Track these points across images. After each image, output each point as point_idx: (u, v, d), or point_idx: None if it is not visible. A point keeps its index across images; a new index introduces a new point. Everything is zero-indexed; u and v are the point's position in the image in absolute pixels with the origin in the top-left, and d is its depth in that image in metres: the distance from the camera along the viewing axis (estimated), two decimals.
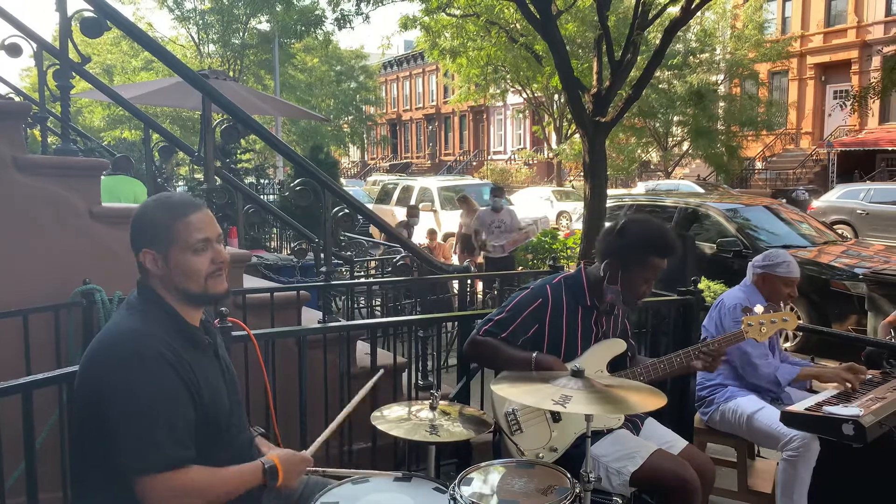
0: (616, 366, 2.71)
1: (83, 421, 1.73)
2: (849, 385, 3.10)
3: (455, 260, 10.02)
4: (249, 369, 2.73)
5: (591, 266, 2.71)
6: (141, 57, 23.87)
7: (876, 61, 22.95)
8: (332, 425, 2.22)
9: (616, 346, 2.70)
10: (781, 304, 3.35)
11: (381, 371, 2.44)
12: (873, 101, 8.45)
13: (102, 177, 4.95)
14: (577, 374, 2.11)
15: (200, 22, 23.76)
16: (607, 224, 2.72)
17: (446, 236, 10.39)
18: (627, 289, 2.57)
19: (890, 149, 23.66)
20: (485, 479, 2.09)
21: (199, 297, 1.82)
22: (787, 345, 6.98)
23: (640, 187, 21.99)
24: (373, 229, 11.47)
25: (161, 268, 1.77)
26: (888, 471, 2.83)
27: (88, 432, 1.71)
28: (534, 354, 2.53)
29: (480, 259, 9.27)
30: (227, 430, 1.85)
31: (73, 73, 3.80)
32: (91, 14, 3.38)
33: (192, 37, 24.90)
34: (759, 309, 2.80)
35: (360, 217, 4.35)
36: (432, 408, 2.33)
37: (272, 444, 2.16)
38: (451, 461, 3.32)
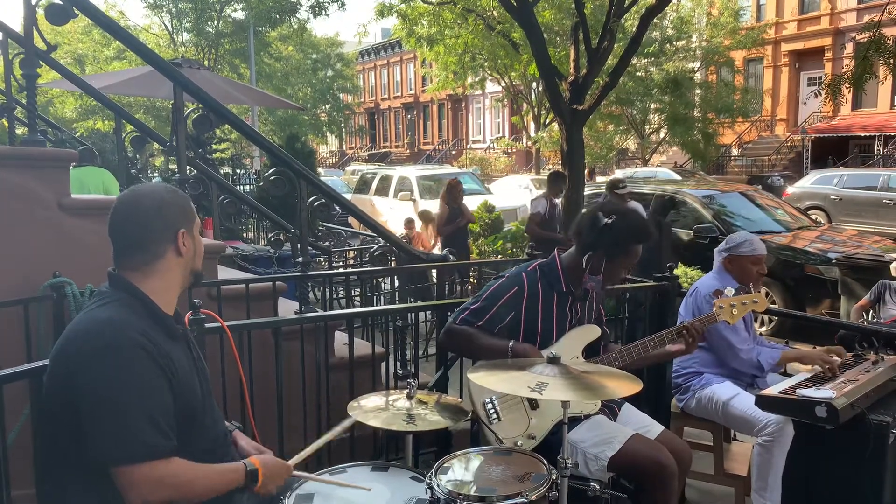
0: (592, 352, 2.72)
1: (57, 414, 1.70)
2: (828, 367, 3.14)
3: (436, 249, 9.98)
4: (225, 362, 2.70)
5: (565, 253, 2.71)
6: (113, 46, 23.45)
7: (849, 48, 23.21)
8: (318, 443, 2.19)
9: (591, 332, 2.71)
10: (752, 286, 3.38)
11: (353, 419, 2.34)
12: (848, 90, 8.52)
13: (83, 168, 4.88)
14: (554, 360, 2.11)
15: (174, 10, 23.41)
16: (585, 215, 2.70)
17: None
18: (609, 277, 2.63)
19: (863, 135, 24.00)
20: (462, 468, 2.10)
21: (198, 275, 1.93)
22: (763, 329, 7.07)
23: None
24: (352, 219, 11.42)
25: (188, 247, 1.84)
26: (859, 451, 2.87)
27: (62, 426, 1.68)
28: (510, 343, 2.53)
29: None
30: (202, 420, 1.83)
31: (41, 62, 3.71)
32: (57, 1, 3.31)
33: (166, 25, 24.54)
34: (729, 292, 2.83)
35: (337, 207, 4.33)
36: (409, 397, 2.33)
37: (249, 438, 2.14)
38: (431, 450, 3.32)
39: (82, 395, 1.62)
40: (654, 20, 10.28)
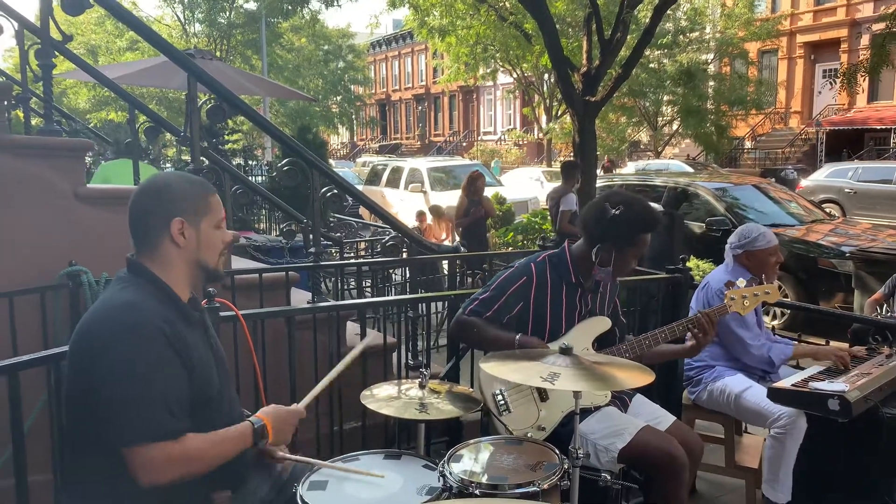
0: (603, 344, 2.72)
1: (78, 397, 1.72)
2: (840, 362, 3.13)
3: (448, 241, 9.97)
4: (239, 350, 2.72)
5: (575, 244, 2.71)
6: (126, 37, 23.56)
7: (865, 39, 22.97)
8: (324, 381, 2.22)
9: (601, 323, 2.71)
10: (767, 277, 3.35)
11: (370, 336, 2.44)
12: (863, 80, 8.44)
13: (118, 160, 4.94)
14: (566, 351, 2.12)
15: (186, 0, 23.45)
16: (591, 207, 2.68)
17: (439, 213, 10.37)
18: (620, 268, 2.63)
19: (878, 127, 23.76)
20: (474, 457, 2.11)
21: (211, 272, 1.89)
22: (775, 322, 7.04)
23: (630, 167, 22.00)
24: (362, 211, 11.43)
25: (188, 238, 1.81)
26: (872, 445, 2.87)
27: (83, 408, 1.70)
28: (517, 336, 2.54)
29: None
30: (219, 406, 1.85)
31: (56, 53, 3.73)
32: None
33: (178, 16, 24.60)
34: (741, 283, 2.81)
35: (349, 198, 4.34)
36: (422, 386, 2.34)
37: None
38: (442, 440, 3.34)
39: (101, 376, 1.65)
40: (668, 11, 10.20)
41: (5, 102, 3.88)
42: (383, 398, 2.33)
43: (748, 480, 3.37)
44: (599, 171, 16.78)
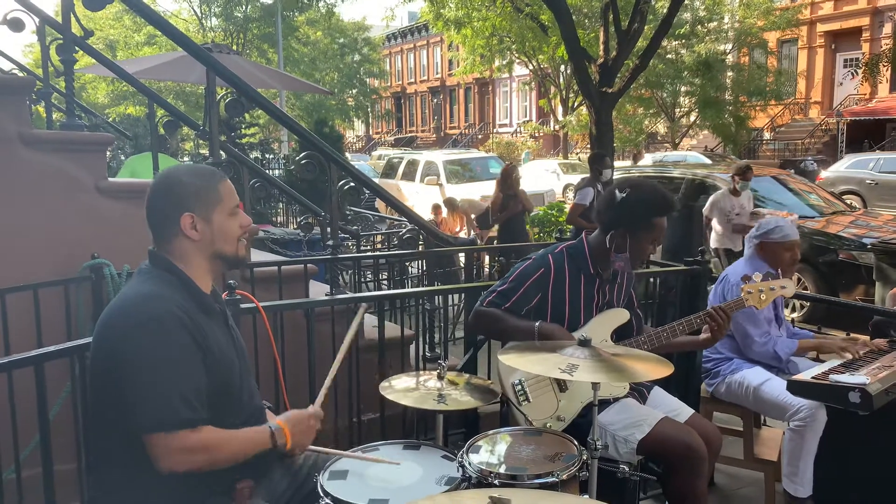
0: (621, 336, 2.72)
1: (101, 386, 1.76)
2: (848, 355, 3.11)
3: (462, 234, 9.98)
4: (258, 342, 2.75)
5: (592, 235, 2.71)
6: (144, 32, 23.77)
7: (887, 28, 22.60)
8: (331, 374, 2.23)
9: (619, 315, 2.70)
10: (784, 271, 3.32)
11: (364, 305, 2.45)
12: (886, 69, 8.32)
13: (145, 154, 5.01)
14: (584, 343, 2.12)
15: None
16: (603, 194, 2.70)
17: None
18: (636, 254, 2.62)
19: None
20: (492, 447, 2.12)
21: (231, 260, 1.90)
22: (795, 315, 6.98)
23: (648, 159, 21.85)
24: (379, 204, 11.47)
25: (201, 231, 1.82)
26: (893, 438, 2.84)
27: (107, 396, 1.73)
28: (536, 323, 2.54)
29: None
30: (239, 396, 1.88)
31: (77, 48, 3.77)
32: None
33: (195, 10, 24.77)
34: (757, 277, 2.80)
35: (365, 191, 4.36)
36: (440, 377, 2.35)
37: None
38: (459, 431, 3.35)
39: (123, 365, 1.68)
40: (686, 1, 10.11)
41: (27, 98, 3.93)
42: (402, 389, 2.34)
43: (767, 473, 3.36)
44: (629, 162, 16.64)
